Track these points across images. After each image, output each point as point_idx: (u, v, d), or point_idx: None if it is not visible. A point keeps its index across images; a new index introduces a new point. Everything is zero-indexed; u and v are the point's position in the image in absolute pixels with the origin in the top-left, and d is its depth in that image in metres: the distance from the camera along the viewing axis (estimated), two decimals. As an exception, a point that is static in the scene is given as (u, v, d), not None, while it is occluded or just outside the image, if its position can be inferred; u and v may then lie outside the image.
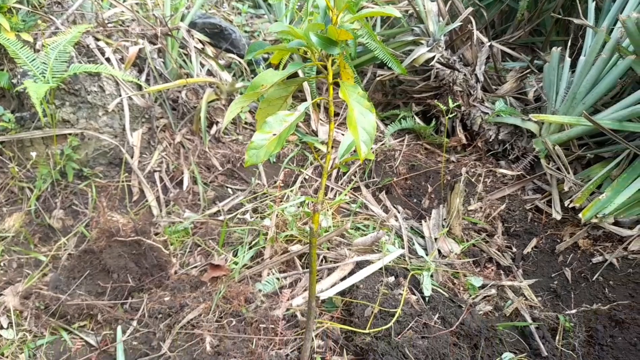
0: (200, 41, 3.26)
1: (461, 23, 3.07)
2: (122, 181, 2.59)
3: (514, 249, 2.49)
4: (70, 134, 2.53)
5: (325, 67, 1.46)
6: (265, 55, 3.43)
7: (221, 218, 2.50)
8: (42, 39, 2.67)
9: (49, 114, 2.45)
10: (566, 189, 2.54)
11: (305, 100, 3.29)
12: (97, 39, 2.86)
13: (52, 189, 2.48)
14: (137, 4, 3.35)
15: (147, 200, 2.55)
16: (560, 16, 3.32)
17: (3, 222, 2.36)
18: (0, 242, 2.28)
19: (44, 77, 2.37)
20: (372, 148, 1.42)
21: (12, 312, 1.96)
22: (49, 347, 1.90)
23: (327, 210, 2.48)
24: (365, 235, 2.37)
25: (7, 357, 1.82)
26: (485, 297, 2.20)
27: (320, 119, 3.25)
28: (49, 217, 2.40)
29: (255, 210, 2.59)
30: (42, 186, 2.45)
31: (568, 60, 2.85)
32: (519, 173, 2.82)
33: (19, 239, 2.32)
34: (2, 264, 2.21)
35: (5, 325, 1.93)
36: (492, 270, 2.36)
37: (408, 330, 1.82)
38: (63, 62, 2.44)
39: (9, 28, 2.49)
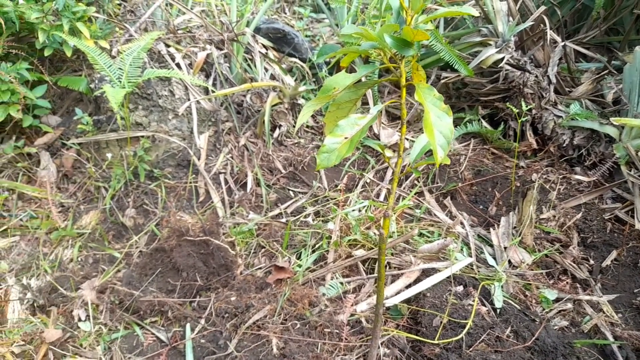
0: (264, 46, 3.31)
1: (533, 22, 2.94)
2: (190, 182, 2.66)
3: (591, 261, 2.33)
4: (142, 137, 2.64)
5: (397, 69, 1.43)
6: (327, 60, 3.43)
7: (284, 220, 2.52)
8: (117, 45, 2.81)
9: (124, 117, 2.57)
10: (651, 198, 2.36)
11: (366, 104, 3.26)
12: (168, 45, 2.98)
13: (125, 188, 2.60)
14: (204, 11, 3.46)
15: (212, 202, 2.61)
16: (642, 13, 3.10)
17: (81, 220, 2.49)
18: (78, 239, 2.40)
19: (120, 82, 2.49)
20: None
21: (90, 306, 2.06)
22: (123, 340, 1.97)
23: (391, 215, 2.43)
24: (430, 241, 2.31)
25: (85, 348, 1.91)
26: (560, 311, 2.07)
27: (382, 123, 3.20)
28: (122, 216, 2.50)
29: (317, 214, 2.59)
30: (117, 186, 2.57)
31: (652, 59, 2.65)
32: (596, 180, 2.64)
33: (95, 236, 2.44)
34: (79, 259, 2.33)
35: (83, 318, 2.03)
36: (567, 283, 2.22)
37: (480, 343, 1.74)
38: (137, 68, 2.55)
39: (89, 36, 2.63)
